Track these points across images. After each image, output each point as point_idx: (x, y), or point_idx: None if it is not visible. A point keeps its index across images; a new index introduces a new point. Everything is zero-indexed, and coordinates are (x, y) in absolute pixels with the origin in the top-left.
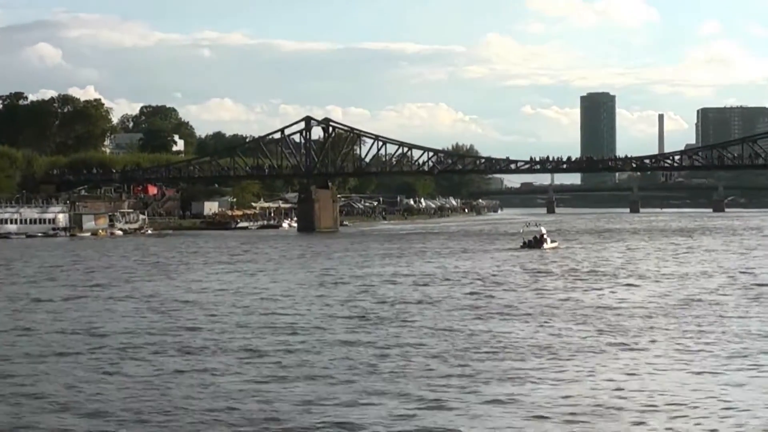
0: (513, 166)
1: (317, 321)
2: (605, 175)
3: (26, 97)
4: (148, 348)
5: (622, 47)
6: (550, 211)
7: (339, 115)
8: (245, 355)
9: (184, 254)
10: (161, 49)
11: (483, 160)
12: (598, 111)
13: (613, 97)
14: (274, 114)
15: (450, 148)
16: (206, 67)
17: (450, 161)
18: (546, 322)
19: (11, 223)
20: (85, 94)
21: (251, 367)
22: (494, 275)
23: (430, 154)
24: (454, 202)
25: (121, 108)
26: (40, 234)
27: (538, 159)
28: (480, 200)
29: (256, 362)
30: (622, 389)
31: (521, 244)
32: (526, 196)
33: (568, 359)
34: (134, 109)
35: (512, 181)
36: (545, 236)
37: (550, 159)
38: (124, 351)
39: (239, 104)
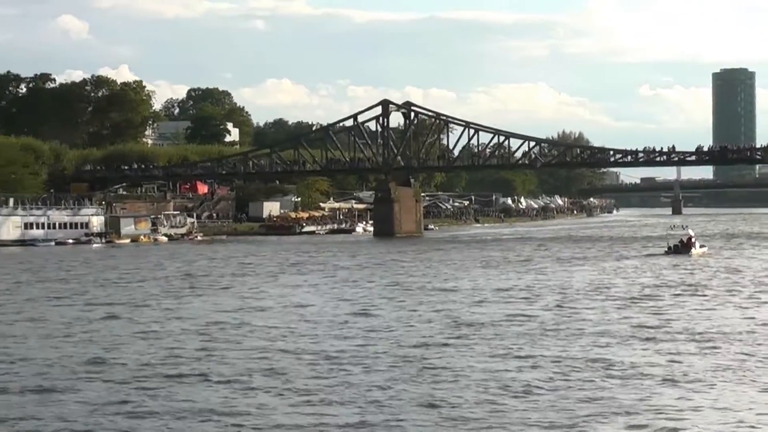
0: (630, 158)
1: (405, 347)
2: (743, 168)
3: (53, 80)
4: (175, 378)
5: (758, 13)
6: (677, 211)
7: (419, 97)
8: (302, 392)
9: (238, 264)
10: (208, 20)
11: (595, 151)
12: (733, 91)
13: (752, 73)
14: (342, 97)
15: (555, 136)
16: (260, 43)
17: (555, 152)
18: (710, 347)
19: (37, 227)
20: (118, 74)
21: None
22: (632, 288)
23: (531, 144)
24: (560, 202)
25: (161, 91)
26: (71, 240)
27: (661, 150)
28: (591, 199)
29: (317, 400)
30: None
31: (665, 249)
32: (646, 194)
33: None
34: (176, 93)
35: (630, 176)
36: (693, 240)
37: (676, 149)
38: (140, 381)
39: (300, 86)
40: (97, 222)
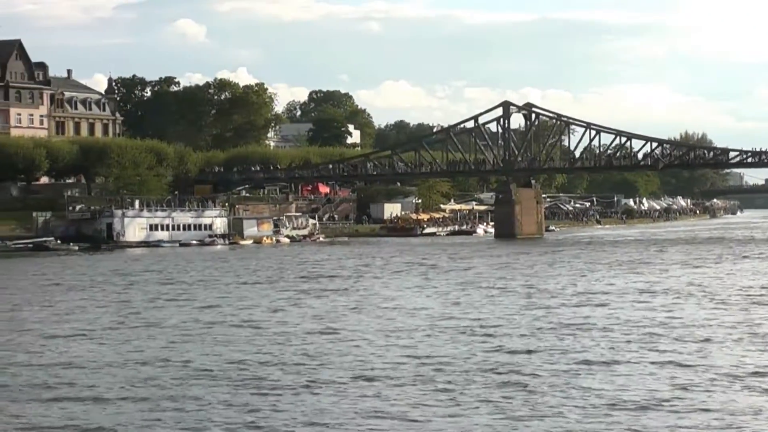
0: (754, 158)
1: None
2: None
3: (177, 83)
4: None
5: None
6: None
7: (536, 98)
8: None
9: (366, 266)
10: (326, 23)
11: (717, 152)
12: None
13: None
14: (459, 98)
15: (675, 137)
16: (376, 45)
17: (678, 153)
18: None
19: (162, 229)
20: (236, 77)
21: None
22: None
23: (653, 144)
24: (682, 203)
25: (279, 94)
26: (194, 242)
27: None
28: (714, 200)
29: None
30: None
31: None
32: None
33: None
34: (294, 95)
35: (754, 176)
36: None
37: None
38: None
39: (417, 87)
40: (220, 223)
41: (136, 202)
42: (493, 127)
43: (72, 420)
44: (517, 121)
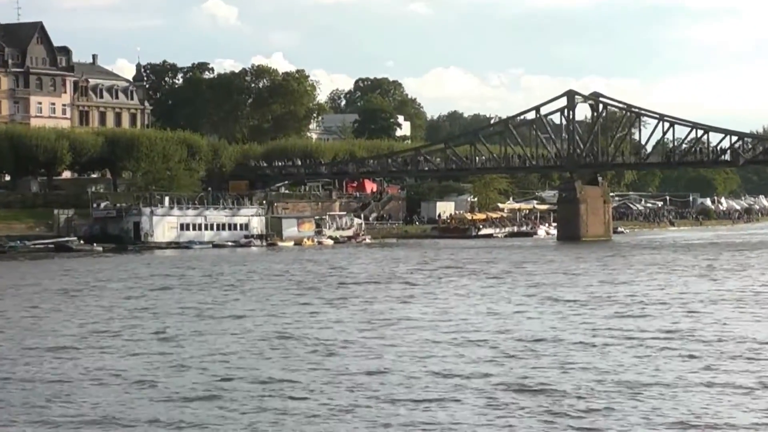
0: None
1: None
2: None
3: (211, 69)
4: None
5: None
6: None
7: (601, 87)
8: None
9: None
10: (369, 5)
11: None
12: None
13: None
14: (516, 87)
15: (759, 130)
16: (423, 28)
17: (760, 148)
18: None
19: (194, 229)
20: (271, 63)
21: None
22: None
23: (733, 138)
24: (765, 202)
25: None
26: (230, 243)
27: None
28: None
29: None
30: None
31: None
32: None
33: None
34: (334, 82)
35: None
36: None
37: None
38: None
39: (469, 75)
40: (257, 223)
41: (166, 200)
42: (556, 118)
43: None
44: (582, 112)
